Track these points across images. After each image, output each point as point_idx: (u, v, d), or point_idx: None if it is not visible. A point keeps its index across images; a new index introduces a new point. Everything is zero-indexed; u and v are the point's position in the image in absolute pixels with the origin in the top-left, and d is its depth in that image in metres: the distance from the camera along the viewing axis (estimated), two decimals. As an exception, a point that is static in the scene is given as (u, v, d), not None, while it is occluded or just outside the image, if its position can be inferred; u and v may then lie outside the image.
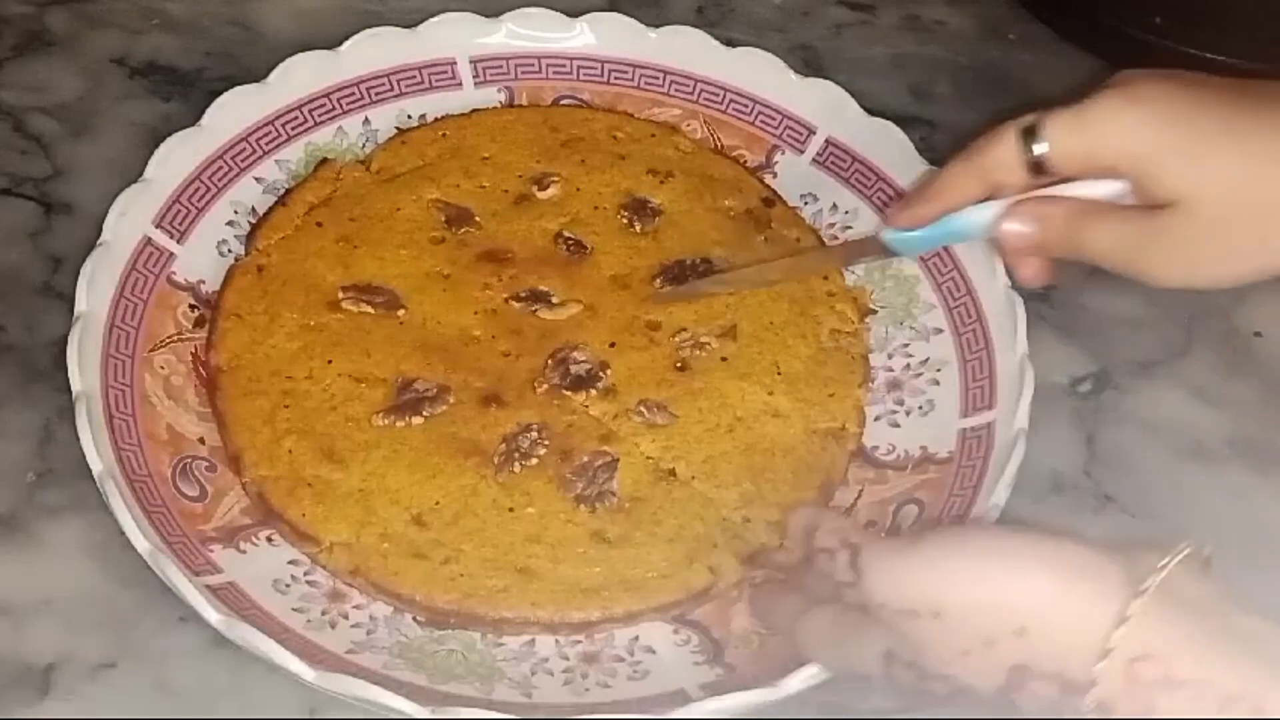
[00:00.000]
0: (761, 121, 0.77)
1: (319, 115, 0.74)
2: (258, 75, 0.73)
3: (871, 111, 0.75)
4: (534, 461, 0.63)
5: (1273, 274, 0.54)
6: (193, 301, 0.67)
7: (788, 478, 0.63)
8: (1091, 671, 0.43)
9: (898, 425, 0.67)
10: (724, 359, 0.67)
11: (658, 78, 0.78)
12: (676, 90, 0.78)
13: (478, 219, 0.71)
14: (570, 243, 0.71)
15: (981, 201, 0.58)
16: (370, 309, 0.67)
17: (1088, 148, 0.54)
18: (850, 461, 0.65)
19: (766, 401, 0.66)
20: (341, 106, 0.74)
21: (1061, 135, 0.54)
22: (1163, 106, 0.53)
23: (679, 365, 0.66)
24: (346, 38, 0.75)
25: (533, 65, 0.78)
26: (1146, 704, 0.42)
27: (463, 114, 0.76)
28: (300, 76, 0.73)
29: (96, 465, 0.58)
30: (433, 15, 0.76)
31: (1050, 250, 0.57)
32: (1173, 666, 0.42)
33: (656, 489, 0.63)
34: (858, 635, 0.49)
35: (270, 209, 0.70)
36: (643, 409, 0.65)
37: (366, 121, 0.75)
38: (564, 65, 0.78)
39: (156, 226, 0.67)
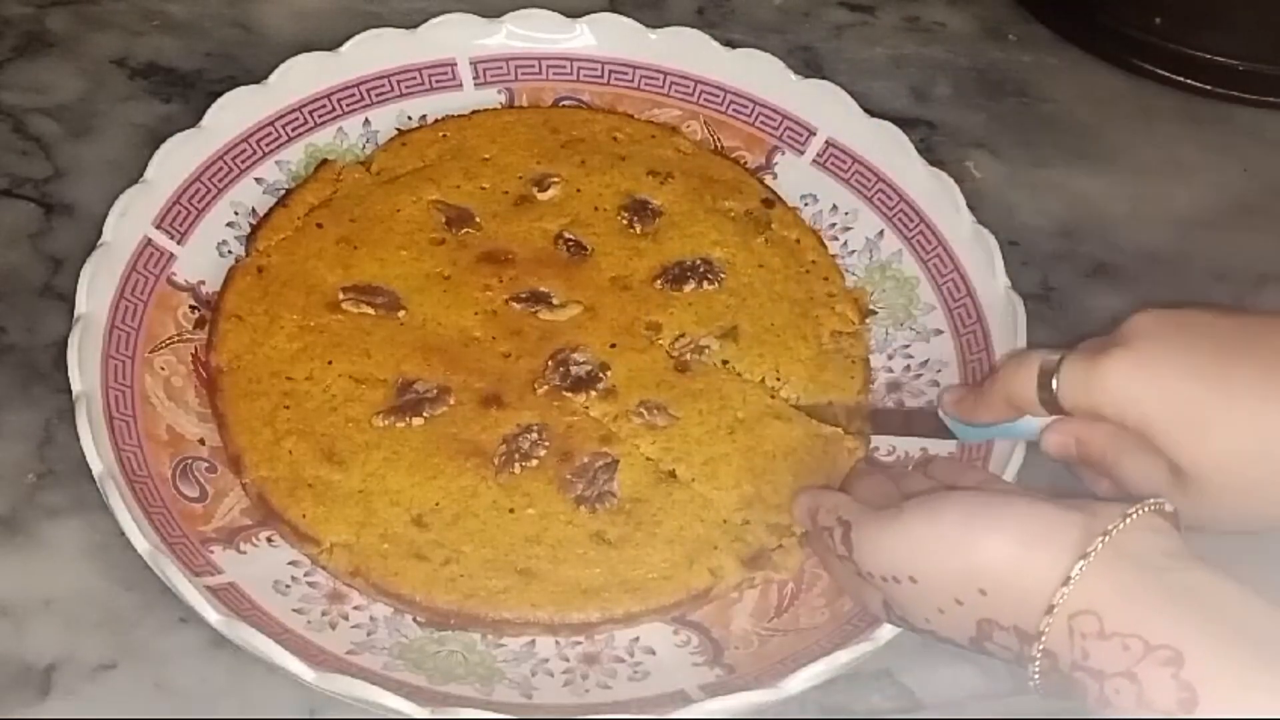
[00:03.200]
0: (761, 122, 0.77)
1: (319, 116, 0.74)
2: (258, 76, 0.73)
3: (872, 112, 0.75)
4: (534, 463, 0.63)
5: None
6: (193, 302, 0.67)
7: (788, 480, 0.63)
8: (1039, 625, 0.48)
9: (898, 426, 0.67)
10: (725, 360, 0.67)
11: (658, 79, 0.78)
12: (676, 91, 0.78)
13: (478, 220, 0.71)
14: (570, 244, 0.71)
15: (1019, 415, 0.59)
16: (370, 310, 0.67)
17: (1094, 404, 0.55)
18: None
19: (768, 404, 0.66)
20: (342, 107, 0.74)
21: (1071, 385, 0.55)
22: (1166, 374, 0.53)
23: (679, 366, 0.66)
24: (347, 38, 0.75)
25: (533, 66, 0.77)
26: (1082, 652, 0.47)
27: (463, 115, 0.76)
28: (300, 77, 0.73)
29: (96, 466, 0.58)
30: (433, 16, 0.76)
31: (1092, 466, 0.58)
32: (1106, 620, 0.46)
33: (657, 490, 0.63)
34: (864, 586, 0.55)
35: (270, 210, 0.70)
36: (643, 410, 0.65)
37: (367, 122, 0.75)
38: (564, 66, 0.78)
39: (157, 227, 0.67)
